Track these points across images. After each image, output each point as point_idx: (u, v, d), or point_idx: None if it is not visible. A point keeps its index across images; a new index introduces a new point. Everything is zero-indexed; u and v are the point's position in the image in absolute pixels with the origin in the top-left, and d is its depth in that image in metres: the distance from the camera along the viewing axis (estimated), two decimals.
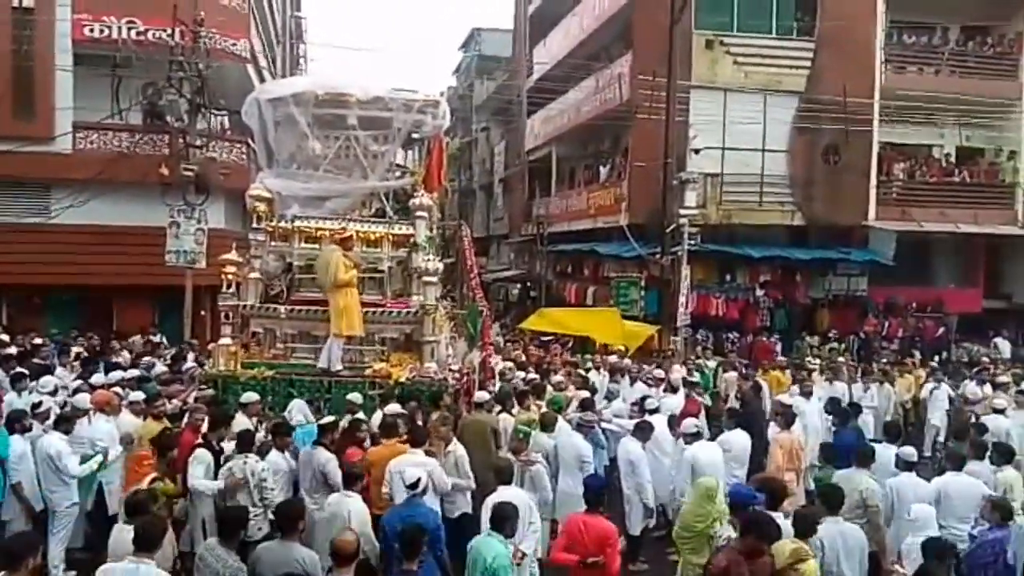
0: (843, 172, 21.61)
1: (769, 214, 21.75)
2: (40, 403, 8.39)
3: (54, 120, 18.03)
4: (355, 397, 8.73)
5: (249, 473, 6.87)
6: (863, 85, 21.29)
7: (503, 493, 6.34)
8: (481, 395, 9.29)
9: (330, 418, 7.95)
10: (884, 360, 17.40)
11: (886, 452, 8.17)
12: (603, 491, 6.37)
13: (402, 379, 9.39)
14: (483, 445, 8.23)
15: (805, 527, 5.71)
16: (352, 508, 6.19)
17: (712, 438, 9.06)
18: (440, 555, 5.90)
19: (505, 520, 5.66)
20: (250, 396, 8.62)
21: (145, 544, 4.85)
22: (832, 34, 21.26)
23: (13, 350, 12.29)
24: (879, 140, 22.12)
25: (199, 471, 7.06)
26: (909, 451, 7.86)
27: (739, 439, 8.91)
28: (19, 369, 10.12)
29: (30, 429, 7.82)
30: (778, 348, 19.78)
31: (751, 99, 21.35)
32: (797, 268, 21.55)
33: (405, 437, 7.43)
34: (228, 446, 7.43)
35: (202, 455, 7.18)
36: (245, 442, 7.21)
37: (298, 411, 8.78)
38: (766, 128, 21.49)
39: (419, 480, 6.21)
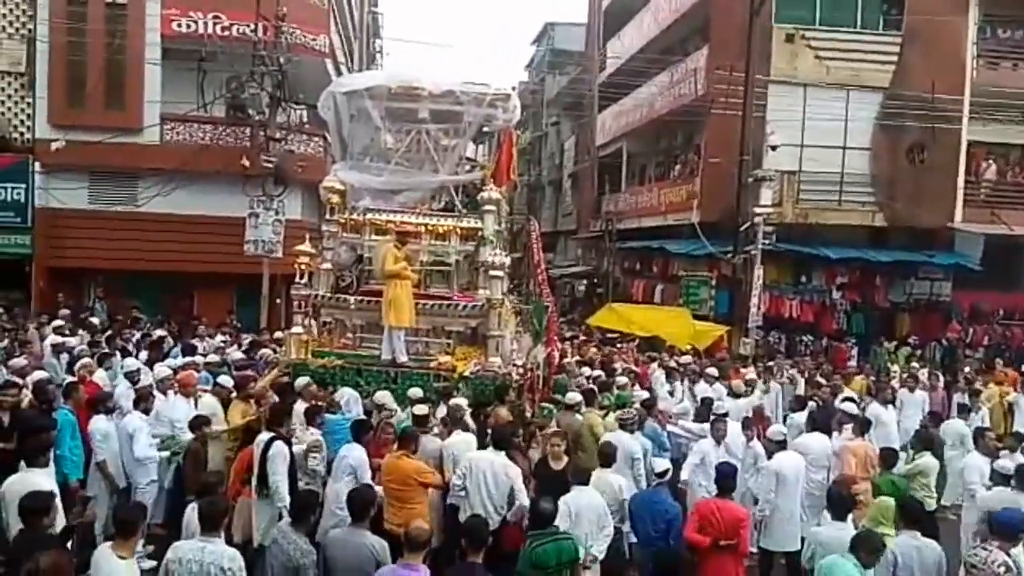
0: (928, 171, 20.76)
1: (848, 214, 21.08)
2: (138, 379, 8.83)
3: (143, 112, 18.81)
4: (415, 392, 8.79)
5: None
6: (952, 81, 20.37)
7: (579, 492, 6.42)
8: (573, 396, 9.33)
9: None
10: (968, 368, 16.63)
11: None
12: (734, 477, 6.78)
13: (466, 373, 9.44)
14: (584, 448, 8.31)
15: (868, 548, 5.44)
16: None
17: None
18: (673, 542, 6.43)
19: None
20: (302, 381, 8.83)
21: (209, 524, 5.01)
22: (920, 28, 20.41)
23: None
24: (968, 139, 21.12)
25: (282, 468, 6.67)
26: (1005, 464, 7.50)
27: (818, 442, 8.68)
28: (106, 350, 10.60)
29: (114, 410, 8.19)
30: (853, 353, 19.13)
31: (832, 95, 20.69)
32: (877, 270, 20.82)
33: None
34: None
35: (280, 449, 6.76)
36: (311, 416, 7.58)
37: (352, 401, 8.83)
38: (847, 125, 20.81)
39: (667, 470, 6.86)
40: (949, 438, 10.61)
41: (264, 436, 6.83)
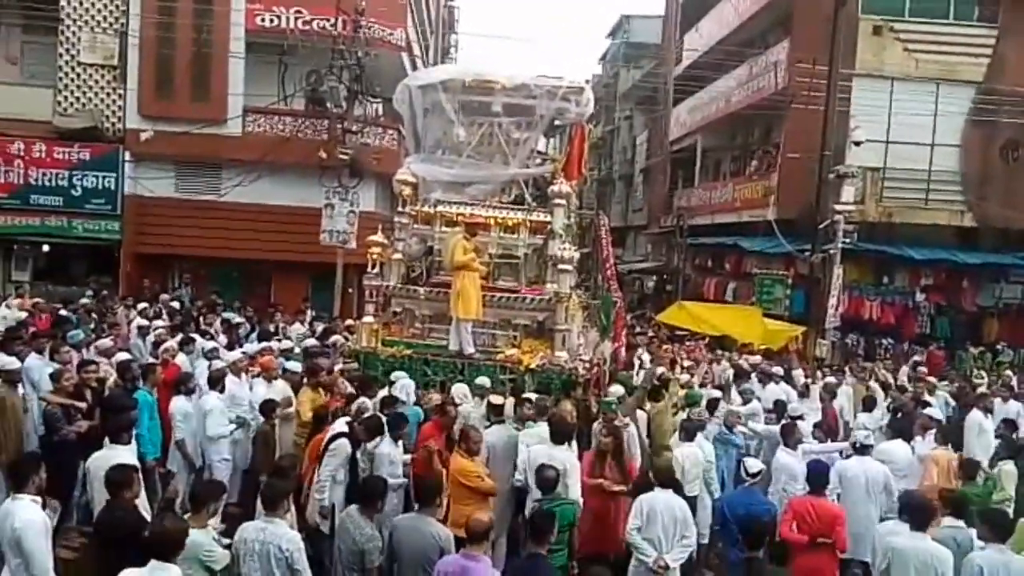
0: (1023, 170, 19.69)
1: (936, 213, 20.26)
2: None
3: (227, 104, 19.47)
4: (484, 381, 8.84)
5: None
6: None
7: (658, 493, 6.32)
8: (616, 389, 9.19)
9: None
10: None
11: None
12: (827, 475, 6.81)
13: (532, 366, 9.44)
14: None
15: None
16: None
17: None
18: (769, 540, 6.47)
19: None
20: (399, 374, 9.07)
21: (269, 504, 5.16)
22: (1018, 20, 19.40)
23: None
24: None
25: (333, 463, 6.73)
26: None
27: (900, 450, 8.41)
28: (184, 335, 11.01)
29: (194, 391, 8.46)
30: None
31: (921, 89, 19.92)
32: (964, 273, 19.95)
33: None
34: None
35: (342, 447, 6.80)
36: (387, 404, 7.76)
37: (400, 389, 8.86)
38: (936, 121, 19.96)
39: (761, 470, 6.92)
40: None
41: (336, 426, 7.00)
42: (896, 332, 20.17)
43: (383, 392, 8.43)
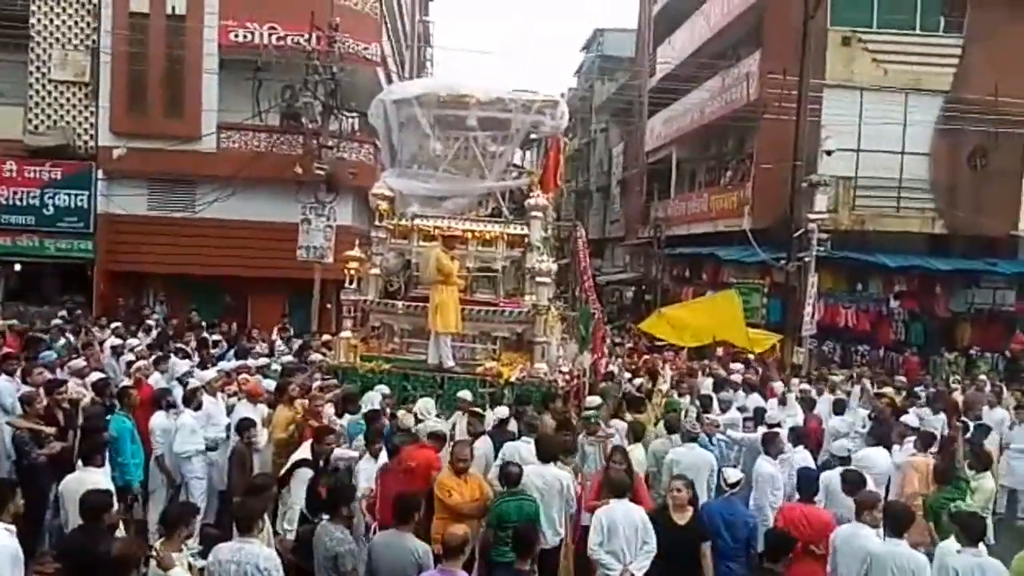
0: (991, 177, 20.09)
1: (907, 221, 20.55)
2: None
3: (200, 120, 19.35)
4: (465, 394, 8.84)
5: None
6: (1016, 83, 19.59)
7: (616, 505, 6.25)
8: (592, 400, 9.24)
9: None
10: None
11: None
12: (817, 482, 6.91)
13: (512, 379, 9.43)
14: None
15: None
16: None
17: None
18: (752, 551, 6.49)
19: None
20: (383, 389, 9.06)
21: (244, 524, 5.11)
22: (983, 29, 19.82)
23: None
24: None
25: (298, 493, 6.64)
26: None
27: (879, 457, 8.44)
28: (159, 354, 10.87)
29: (175, 406, 8.39)
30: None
31: (890, 98, 20.24)
32: (937, 279, 20.22)
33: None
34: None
35: (302, 475, 6.71)
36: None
37: (375, 402, 8.83)
38: (906, 129, 20.29)
39: (740, 480, 6.88)
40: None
41: (300, 452, 6.94)
42: (871, 339, 20.36)
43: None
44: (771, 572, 5.81)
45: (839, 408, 10.96)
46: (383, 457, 7.20)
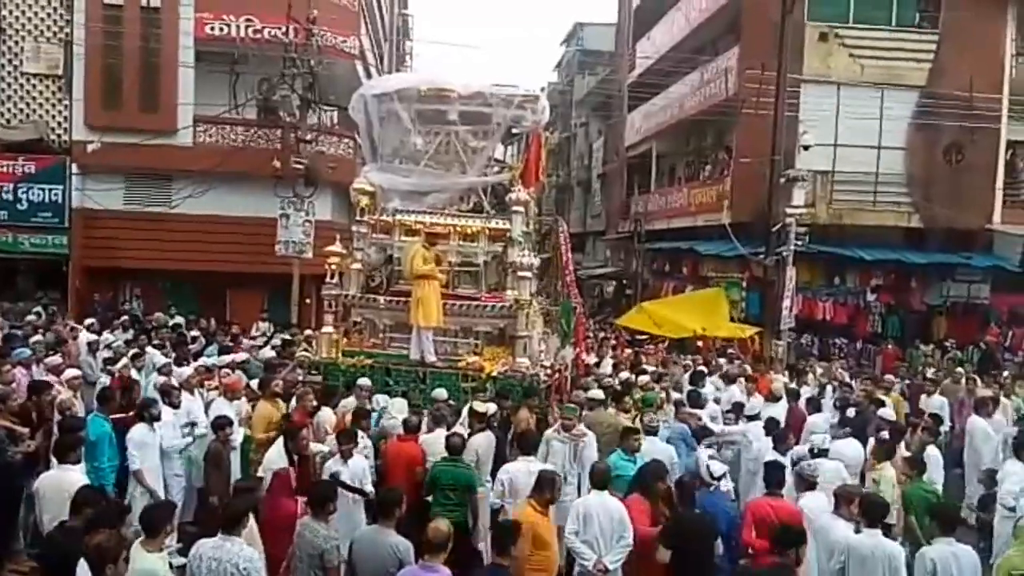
0: (966, 172, 20.33)
1: (883, 215, 20.74)
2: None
3: (176, 114, 19.12)
4: (439, 393, 8.83)
5: None
6: (991, 79, 19.96)
7: (594, 496, 6.26)
8: (596, 393, 9.27)
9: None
10: (1006, 374, 16.19)
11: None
12: (784, 473, 6.77)
13: (494, 373, 9.45)
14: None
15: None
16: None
17: None
18: (734, 545, 6.36)
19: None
20: (364, 381, 8.98)
21: (228, 523, 5.07)
22: (957, 25, 20.04)
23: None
24: (1007, 138, 20.68)
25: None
26: None
27: (851, 448, 8.51)
28: (136, 350, 10.74)
29: (158, 419, 7.71)
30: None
31: (867, 94, 20.37)
32: (913, 272, 20.45)
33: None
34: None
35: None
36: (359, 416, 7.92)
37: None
38: (882, 124, 20.48)
39: (724, 472, 6.87)
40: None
41: (271, 456, 6.87)
42: (849, 332, 20.57)
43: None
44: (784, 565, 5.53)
45: (814, 407, 10.96)
46: (360, 460, 7.18)
